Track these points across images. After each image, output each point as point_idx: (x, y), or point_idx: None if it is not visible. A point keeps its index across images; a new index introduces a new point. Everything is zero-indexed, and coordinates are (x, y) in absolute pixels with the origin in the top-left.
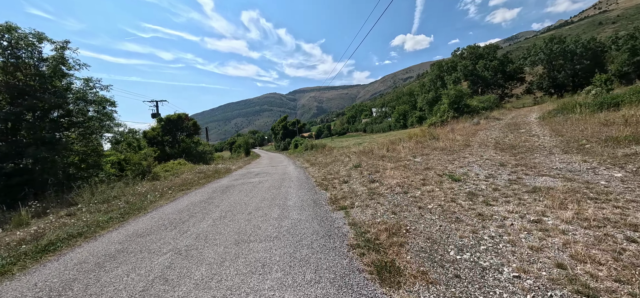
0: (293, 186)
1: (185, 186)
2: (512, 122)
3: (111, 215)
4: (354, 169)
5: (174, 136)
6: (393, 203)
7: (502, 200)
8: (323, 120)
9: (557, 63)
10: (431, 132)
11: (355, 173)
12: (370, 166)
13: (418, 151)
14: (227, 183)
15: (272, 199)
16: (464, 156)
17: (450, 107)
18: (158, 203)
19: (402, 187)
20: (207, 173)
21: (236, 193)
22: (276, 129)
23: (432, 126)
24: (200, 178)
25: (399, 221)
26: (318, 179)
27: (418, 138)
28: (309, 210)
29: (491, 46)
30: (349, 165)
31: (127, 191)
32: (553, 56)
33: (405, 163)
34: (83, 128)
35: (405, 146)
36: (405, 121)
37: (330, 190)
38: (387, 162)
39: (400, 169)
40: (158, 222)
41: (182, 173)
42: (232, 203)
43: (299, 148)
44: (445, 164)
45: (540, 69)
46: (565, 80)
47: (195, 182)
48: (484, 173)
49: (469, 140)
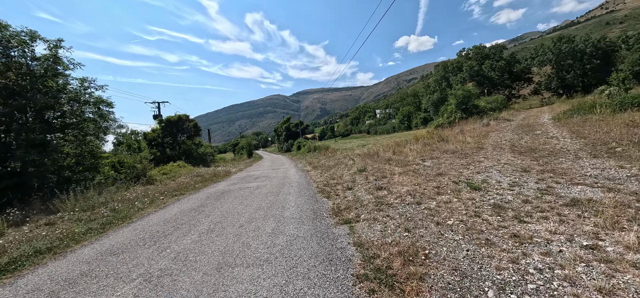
0: (292, 193)
1: (180, 191)
2: (524, 123)
3: (92, 225)
4: (358, 174)
5: (174, 137)
6: (405, 216)
7: (537, 215)
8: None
9: (566, 63)
10: (439, 134)
11: (360, 178)
12: (376, 171)
13: (427, 154)
14: (223, 187)
15: (268, 208)
16: (479, 160)
17: (458, 108)
18: (146, 210)
19: (413, 196)
20: (205, 176)
21: (231, 200)
22: (279, 131)
23: (439, 127)
24: (197, 182)
25: (414, 241)
26: (320, 184)
27: (425, 139)
28: (308, 223)
29: (498, 46)
30: (353, 169)
31: (117, 197)
32: (562, 55)
33: (414, 167)
34: (77, 130)
35: (413, 148)
36: (410, 122)
37: (333, 198)
38: (394, 166)
39: (409, 175)
40: (138, 235)
41: (179, 176)
42: (225, 212)
43: (302, 149)
44: (459, 169)
45: (548, 69)
46: (574, 80)
47: (191, 186)
48: (507, 180)
49: (480, 142)
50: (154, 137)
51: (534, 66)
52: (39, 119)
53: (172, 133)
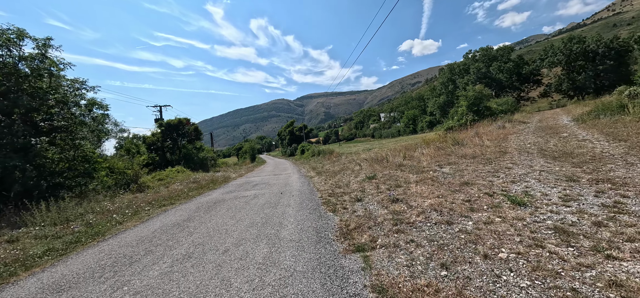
0: (293, 205)
1: (170, 200)
2: (543, 125)
3: (56, 243)
4: (367, 182)
5: (174, 141)
6: (436, 241)
7: (627, 246)
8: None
9: (576, 64)
10: (453, 137)
11: (370, 187)
12: (388, 178)
13: (442, 159)
14: (218, 196)
15: (263, 224)
16: (507, 166)
17: (469, 110)
18: (125, 225)
19: (440, 212)
20: (201, 183)
21: (222, 212)
22: (283, 135)
23: (449, 130)
24: (191, 189)
25: (460, 288)
26: (324, 194)
27: (437, 143)
28: (309, 249)
29: (505, 47)
30: (361, 175)
31: (98, 207)
32: (573, 56)
33: (432, 174)
34: (67, 133)
35: (425, 152)
36: (415, 126)
37: (340, 212)
38: (407, 173)
39: (427, 184)
40: (100, 262)
41: (174, 183)
42: (211, 229)
43: (306, 154)
44: (487, 177)
45: (558, 71)
46: (586, 82)
47: (183, 195)
48: (554, 192)
49: (501, 146)
50: (154, 141)
51: (543, 68)
52: (27, 122)
53: (172, 137)
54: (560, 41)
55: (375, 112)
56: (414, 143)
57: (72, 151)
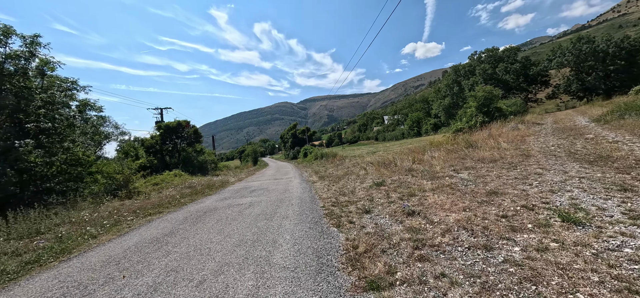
0: (291, 216)
1: (158, 208)
2: (561, 126)
3: (9, 264)
4: (375, 189)
5: (174, 144)
6: (476, 278)
7: None
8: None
9: (585, 65)
10: (466, 139)
11: (379, 195)
12: (398, 185)
13: (456, 163)
14: (211, 203)
15: (254, 243)
16: (535, 171)
17: (479, 111)
18: (98, 239)
19: (471, 231)
20: (197, 188)
21: (210, 225)
22: (285, 138)
23: (458, 132)
24: (184, 195)
25: None
26: (327, 202)
27: (447, 146)
28: (306, 284)
29: (512, 48)
30: (368, 181)
31: (77, 217)
32: (582, 56)
33: (449, 180)
34: (55, 135)
35: (435, 156)
36: (420, 128)
37: (346, 228)
38: (420, 179)
39: (446, 193)
40: (45, 295)
41: (169, 188)
42: (193, 247)
43: (309, 157)
44: (516, 184)
45: (566, 72)
46: (596, 82)
47: (174, 202)
48: (612, 205)
49: (520, 148)
50: (152, 144)
51: (551, 68)
52: (12, 123)
53: (172, 139)
54: (568, 41)
55: (378, 115)
56: (421, 145)
57: (61, 154)
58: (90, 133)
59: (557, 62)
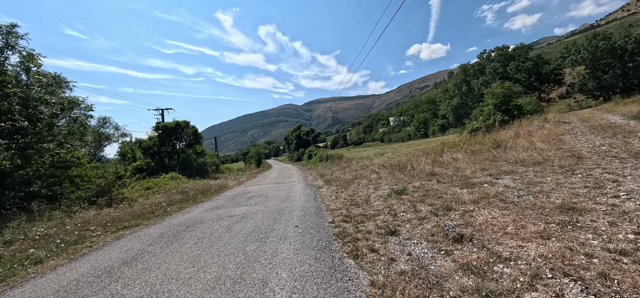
0: (291, 237)
1: (137, 219)
2: (595, 125)
3: None
4: (396, 199)
5: (173, 146)
6: None
7: None
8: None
9: (602, 62)
10: (493, 138)
11: (403, 207)
12: (424, 194)
13: (488, 166)
14: (198, 214)
15: (235, 283)
16: (604, 176)
17: (497, 109)
18: (42, 266)
19: (578, 279)
20: (189, 193)
21: (188, 247)
22: (289, 139)
23: (473, 132)
24: (173, 202)
25: None
26: (337, 216)
27: (468, 146)
28: None
29: (523, 46)
30: (383, 187)
31: (32, 232)
32: (598, 54)
33: (491, 189)
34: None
35: (459, 157)
36: (426, 129)
37: (368, 262)
38: (451, 185)
39: (497, 207)
40: None
41: (160, 193)
42: (152, 285)
43: (313, 159)
44: (594, 196)
45: (581, 70)
46: (613, 80)
47: (159, 211)
48: None
49: (563, 148)
50: (150, 145)
51: (566, 66)
52: None
53: (170, 141)
54: (584, 38)
55: (384, 116)
56: (432, 146)
57: (46, 156)
58: (77, 133)
59: (571, 60)
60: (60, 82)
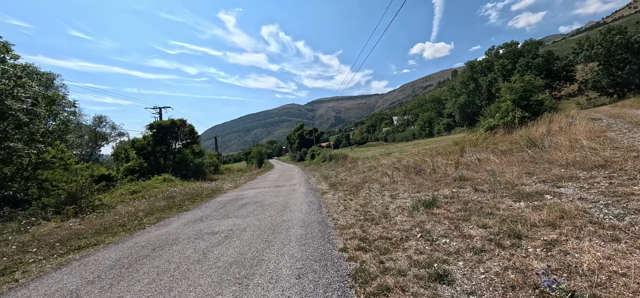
0: (285, 275)
1: (98, 235)
2: (636, 120)
3: None
4: (426, 213)
5: (168, 145)
6: None
7: None
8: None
9: (616, 58)
10: (527, 135)
11: (441, 229)
12: (463, 207)
13: (531, 169)
14: (174, 229)
15: None
16: None
17: (516, 105)
18: None
19: None
20: (177, 199)
21: (136, 290)
22: (292, 139)
23: (490, 130)
24: (152, 211)
25: None
26: (349, 238)
27: (493, 146)
28: None
29: (532, 42)
30: (403, 195)
31: None
32: (613, 49)
33: (568, 204)
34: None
35: (491, 159)
36: (432, 129)
37: None
38: (499, 196)
39: (602, 236)
40: None
41: (143, 199)
42: None
43: (316, 159)
44: None
45: (594, 66)
46: (629, 77)
47: (130, 223)
48: None
49: (621, 148)
50: (144, 145)
51: (578, 63)
52: None
53: (166, 140)
54: (598, 33)
55: (387, 115)
56: (444, 145)
57: (21, 156)
58: (56, 131)
59: (585, 56)
60: (32, 74)
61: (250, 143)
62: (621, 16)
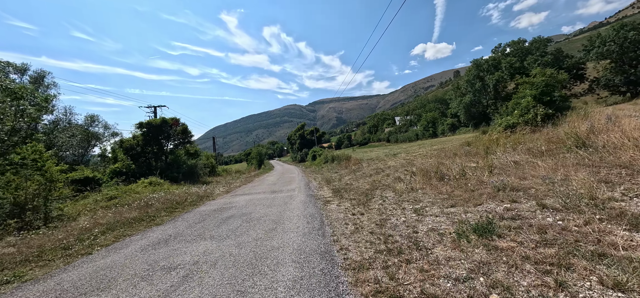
0: None
1: (19, 266)
2: None
3: None
4: (484, 248)
5: (160, 146)
6: None
7: None
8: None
9: (629, 55)
10: (574, 132)
11: (527, 282)
12: (556, 241)
13: (602, 175)
14: (121, 260)
15: None
16: None
17: (537, 101)
18: None
19: None
20: (152, 209)
21: None
22: (293, 139)
23: (510, 128)
24: (111, 227)
25: None
26: (371, 295)
27: (519, 145)
28: None
29: (541, 39)
30: (433, 212)
31: None
32: (627, 45)
33: None
34: None
35: (532, 162)
36: (435, 129)
37: None
38: (597, 221)
39: None
40: None
41: (122, 205)
42: None
43: (318, 160)
44: None
45: (606, 64)
46: None
47: (73, 248)
48: None
49: None
50: (132, 145)
51: (590, 60)
52: None
53: (157, 140)
54: (610, 29)
55: (389, 116)
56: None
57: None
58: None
59: (596, 53)
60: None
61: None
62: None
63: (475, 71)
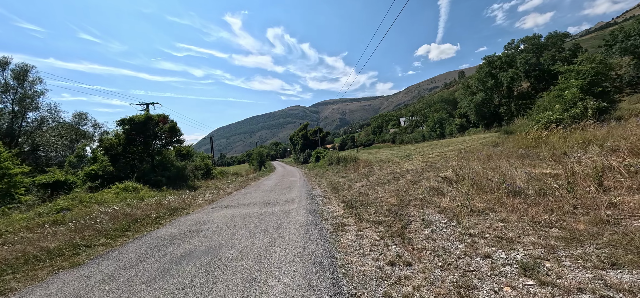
0: None
1: None
2: None
3: None
4: None
5: (145, 145)
6: None
7: None
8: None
9: None
10: None
11: None
12: None
13: None
14: None
15: None
16: None
17: (585, 93)
18: None
19: None
20: (89, 232)
21: None
22: (295, 140)
23: (552, 124)
24: (38, 256)
25: None
26: None
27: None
28: None
29: (557, 34)
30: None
31: None
32: None
33: None
34: None
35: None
36: (443, 129)
37: None
38: None
39: None
40: None
41: (63, 223)
42: None
43: (321, 161)
44: None
45: (628, 60)
46: None
47: None
48: None
49: None
50: (113, 144)
51: (612, 56)
52: None
53: (142, 139)
54: (635, 22)
55: (394, 117)
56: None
57: None
58: None
59: (619, 49)
60: None
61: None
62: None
63: (487, 68)
